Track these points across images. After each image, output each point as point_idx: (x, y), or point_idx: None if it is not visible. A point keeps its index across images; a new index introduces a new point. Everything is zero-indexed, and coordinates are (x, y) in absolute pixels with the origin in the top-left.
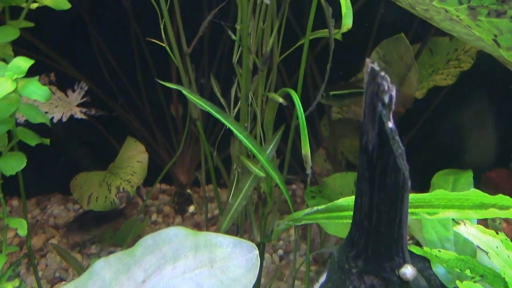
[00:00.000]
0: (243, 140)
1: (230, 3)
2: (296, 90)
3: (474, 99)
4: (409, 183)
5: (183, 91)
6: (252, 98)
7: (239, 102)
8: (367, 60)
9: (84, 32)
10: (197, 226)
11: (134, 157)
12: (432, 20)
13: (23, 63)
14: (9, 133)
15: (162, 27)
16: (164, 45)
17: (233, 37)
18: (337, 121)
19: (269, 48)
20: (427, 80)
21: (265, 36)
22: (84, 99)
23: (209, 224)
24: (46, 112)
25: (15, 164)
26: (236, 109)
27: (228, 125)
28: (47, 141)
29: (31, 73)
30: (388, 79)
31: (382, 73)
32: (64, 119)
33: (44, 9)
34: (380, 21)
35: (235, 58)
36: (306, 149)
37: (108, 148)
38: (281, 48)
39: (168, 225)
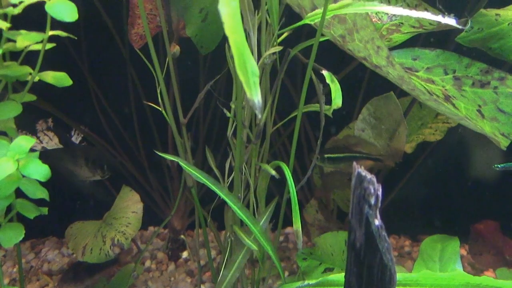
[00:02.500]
0: (237, 211)
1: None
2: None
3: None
4: (396, 277)
5: (180, 163)
6: (245, 167)
7: (233, 172)
8: (354, 164)
9: (82, 82)
10: (190, 274)
11: (129, 207)
12: (418, 98)
13: (25, 142)
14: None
15: (158, 92)
16: (160, 109)
17: (228, 114)
18: (329, 174)
19: (262, 122)
20: (417, 133)
21: None
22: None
23: (202, 272)
24: None
25: (13, 236)
26: (230, 179)
27: (222, 196)
28: (45, 210)
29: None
30: (375, 181)
31: (369, 177)
32: None
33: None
34: (372, 73)
35: (229, 132)
36: (297, 225)
37: (104, 194)
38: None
39: (161, 272)
